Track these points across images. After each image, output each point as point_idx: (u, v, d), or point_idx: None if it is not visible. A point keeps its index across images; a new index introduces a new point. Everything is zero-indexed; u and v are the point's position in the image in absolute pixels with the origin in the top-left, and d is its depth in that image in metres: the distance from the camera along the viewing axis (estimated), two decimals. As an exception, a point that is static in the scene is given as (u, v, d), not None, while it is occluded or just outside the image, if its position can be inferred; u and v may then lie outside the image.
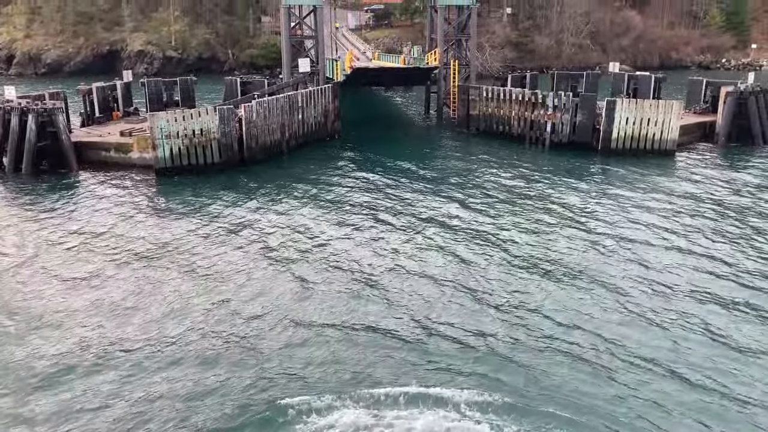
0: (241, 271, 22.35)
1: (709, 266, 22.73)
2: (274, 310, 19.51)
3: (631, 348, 17.10)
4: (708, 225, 27.01)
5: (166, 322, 18.83)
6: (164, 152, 34.35)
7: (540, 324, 18.45)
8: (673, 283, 21.32)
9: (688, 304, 19.75)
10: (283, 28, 49.72)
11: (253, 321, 18.84)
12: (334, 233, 26.22)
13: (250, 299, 20.26)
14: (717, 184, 33.51)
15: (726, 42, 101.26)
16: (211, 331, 18.30)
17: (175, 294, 20.61)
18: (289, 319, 18.94)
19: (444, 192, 31.88)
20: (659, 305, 19.63)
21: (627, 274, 22.03)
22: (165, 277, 21.91)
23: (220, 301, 20.15)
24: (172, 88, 48.70)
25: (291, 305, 19.82)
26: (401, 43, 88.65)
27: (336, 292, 20.69)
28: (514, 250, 24.28)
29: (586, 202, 30.24)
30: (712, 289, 20.74)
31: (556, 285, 21.18)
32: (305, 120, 41.74)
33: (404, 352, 17.12)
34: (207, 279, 21.77)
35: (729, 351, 17.03)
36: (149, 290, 20.92)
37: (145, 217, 28.23)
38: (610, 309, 19.42)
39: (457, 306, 19.76)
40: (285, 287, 21.11)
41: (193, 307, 19.77)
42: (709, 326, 18.35)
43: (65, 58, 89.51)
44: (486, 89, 45.17)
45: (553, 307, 19.53)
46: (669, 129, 38.68)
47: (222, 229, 26.66)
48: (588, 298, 20.22)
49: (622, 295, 20.30)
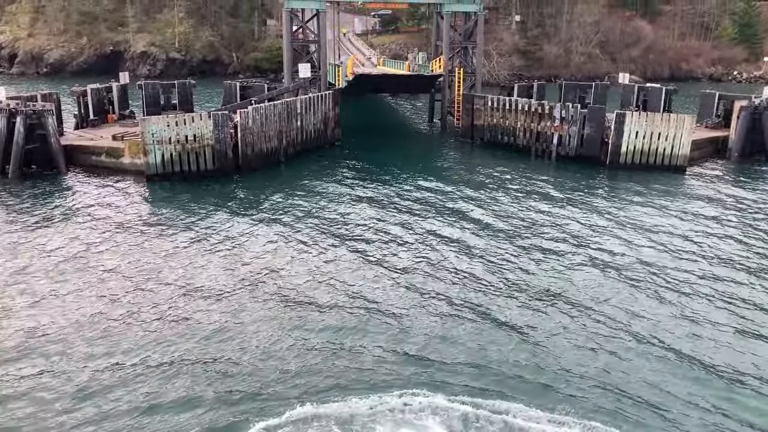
0: (225, 286, 21.22)
1: (723, 289, 21.51)
2: (262, 326, 18.54)
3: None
4: (721, 246, 25.67)
5: (147, 334, 17.92)
6: (155, 158, 33.15)
7: (547, 350, 17.15)
8: (686, 306, 20.17)
9: (700, 328, 18.61)
10: (285, 32, 48.56)
11: (233, 338, 17.79)
12: (327, 246, 25.03)
13: (232, 313, 19.39)
14: (730, 202, 32.06)
15: (738, 54, 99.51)
16: (194, 347, 17.34)
17: (156, 309, 19.52)
18: (284, 341, 17.91)
19: (444, 207, 30.53)
20: (673, 330, 18.42)
21: (636, 297, 20.78)
22: (145, 291, 20.79)
23: (206, 313, 19.24)
24: (169, 92, 47.45)
25: (279, 324, 18.70)
26: (407, 49, 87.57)
27: (331, 311, 19.61)
28: (518, 269, 23.06)
29: (593, 220, 28.87)
30: (725, 316, 19.48)
31: (556, 307, 20.02)
32: (304, 127, 40.49)
33: (412, 370, 16.12)
34: (190, 293, 20.68)
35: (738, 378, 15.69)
36: (127, 302, 19.93)
37: (130, 226, 27.02)
38: (617, 332, 18.26)
39: (464, 323, 18.91)
40: (271, 304, 20.04)
41: (175, 319, 18.81)
42: (724, 354, 17.23)
43: (68, 57, 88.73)
44: (491, 99, 43.83)
45: (556, 330, 18.41)
46: (680, 144, 37.23)
47: (209, 240, 25.49)
48: (590, 319, 19.03)
49: (628, 318, 19.03)
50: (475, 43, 50.45)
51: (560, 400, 15.27)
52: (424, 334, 18.27)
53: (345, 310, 19.67)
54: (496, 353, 17.27)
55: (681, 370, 16.60)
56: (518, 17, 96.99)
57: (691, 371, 16.58)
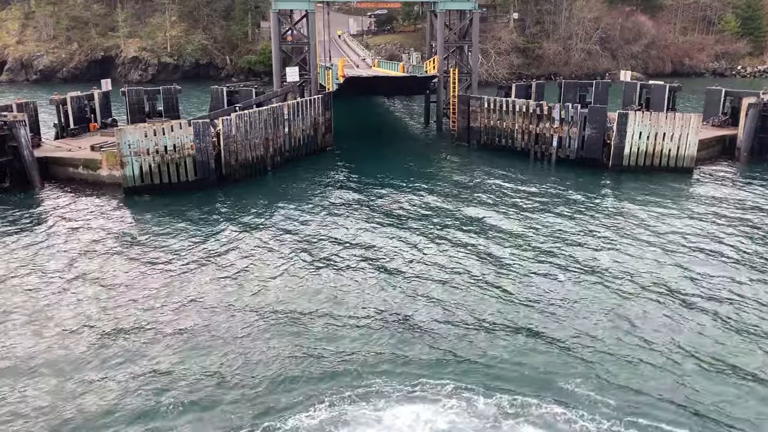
0: (205, 303, 19.99)
1: (733, 298, 20.09)
2: (242, 342, 17.62)
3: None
4: (731, 253, 24.02)
5: (122, 353, 17.15)
6: (133, 170, 31.46)
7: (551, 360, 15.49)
8: (694, 318, 18.83)
9: (709, 343, 17.31)
10: (273, 35, 46.85)
11: (212, 353, 16.79)
12: (316, 259, 23.53)
13: (211, 328, 18.39)
14: (742, 205, 30.28)
15: (741, 48, 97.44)
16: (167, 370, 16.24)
17: (132, 327, 18.52)
18: (263, 356, 16.88)
19: (437, 217, 28.76)
20: (677, 342, 17.04)
21: (641, 309, 19.42)
22: (120, 310, 19.49)
23: (183, 331, 18.24)
24: (154, 98, 45.90)
25: (258, 339, 17.57)
26: (404, 49, 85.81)
27: (318, 322, 18.56)
28: (518, 277, 21.78)
29: (595, 226, 27.17)
30: (736, 330, 17.99)
31: (556, 317, 18.79)
32: (292, 133, 38.76)
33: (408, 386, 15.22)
34: (168, 311, 19.42)
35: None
36: (101, 321, 18.83)
37: (104, 243, 25.37)
38: (621, 343, 17.15)
39: (462, 335, 17.98)
40: (256, 319, 18.88)
41: (150, 336, 17.89)
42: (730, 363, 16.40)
43: (58, 64, 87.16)
44: (487, 100, 42.04)
45: (556, 341, 16.97)
46: (686, 144, 35.42)
47: (189, 256, 23.94)
48: (590, 330, 17.81)
49: (632, 327, 17.64)
50: (470, 42, 48.65)
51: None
52: (422, 344, 17.56)
53: (334, 324, 18.56)
54: (491, 361, 15.70)
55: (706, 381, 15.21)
56: (516, 15, 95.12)
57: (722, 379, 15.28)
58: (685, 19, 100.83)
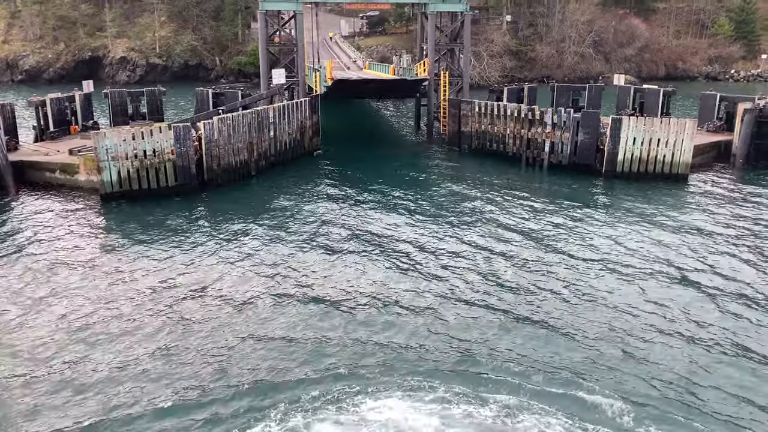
0: (183, 314, 19.10)
1: (731, 310, 19.46)
2: (222, 364, 16.49)
3: None
4: (728, 262, 23.25)
5: (91, 375, 16.07)
6: (110, 175, 30.35)
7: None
8: (688, 330, 18.14)
9: (704, 357, 16.54)
10: (260, 36, 45.81)
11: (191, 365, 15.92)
12: (300, 270, 22.55)
13: (187, 342, 17.59)
14: (737, 213, 29.47)
15: (734, 52, 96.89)
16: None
17: (106, 337, 17.81)
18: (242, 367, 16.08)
19: (427, 224, 27.77)
20: (675, 355, 16.15)
21: (636, 320, 18.65)
22: (92, 329, 18.41)
23: (155, 349, 17.24)
24: (138, 100, 44.87)
25: (239, 367, 16.39)
26: (395, 51, 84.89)
27: (302, 345, 17.48)
28: (507, 287, 20.96)
29: (589, 234, 26.29)
30: (733, 345, 17.13)
31: (547, 329, 17.99)
32: (278, 137, 37.71)
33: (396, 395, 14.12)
34: (145, 328, 18.46)
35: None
36: (75, 332, 18.01)
37: (79, 252, 24.35)
38: (608, 358, 16.25)
39: (448, 350, 17.24)
40: (236, 332, 18.03)
41: (122, 360, 16.80)
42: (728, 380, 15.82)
43: (44, 64, 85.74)
44: (479, 104, 41.12)
45: (541, 359, 16.05)
46: (681, 150, 34.57)
47: (167, 265, 22.97)
48: (584, 342, 17.06)
49: (624, 339, 16.56)
50: (462, 45, 47.70)
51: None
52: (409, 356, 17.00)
53: (318, 337, 17.73)
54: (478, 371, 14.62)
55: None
56: (509, 17, 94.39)
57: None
58: (679, 22, 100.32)
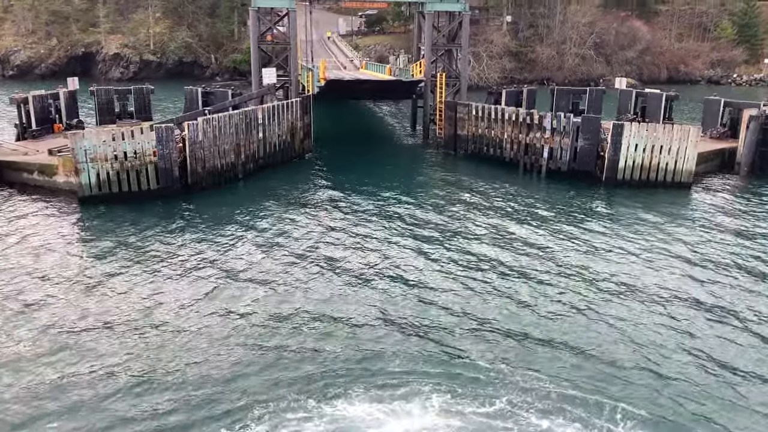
0: (159, 324, 18.25)
1: (736, 325, 18.58)
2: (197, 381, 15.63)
3: None
4: (731, 275, 22.20)
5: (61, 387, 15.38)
6: (89, 177, 29.05)
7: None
8: (691, 346, 17.27)
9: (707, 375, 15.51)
10: (252, 34, 44.47)
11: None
12: (286, 280, 21.48)
13: (159, 354, 16.73)
14: (741, 225, 28.37)
15: (737, 56, 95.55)
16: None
17: (78, 347, 17.02)
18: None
19: (419, 232, 26.55)
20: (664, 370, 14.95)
21: (635, 335, 17.71)
22: (63, 341, 17.42)
23: (126, 362, 16.31)
24: (125, 98, 43.51)
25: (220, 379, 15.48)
26: (393, 50, 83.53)
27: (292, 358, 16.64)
28: (503, 301, 20.00)
29: (587, 245, 25.18)
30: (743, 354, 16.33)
31: (543, 346, 17.03)
32: (267, 139, 36.39)
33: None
34: (122, 338, 17.59)
35: None
36: (41, 353, 16.84)
37: (53, 257, 23.29)
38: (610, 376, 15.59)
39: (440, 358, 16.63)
40: (214, 356, 16.83)
41: (95, 373, 15.98)
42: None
43: (36, 59, 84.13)
44: (475, 107, 39.82)
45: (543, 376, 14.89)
46: (684, 158, 33.34)
47: (144, 273, 21.88)
48: (573, 357, 16.21)
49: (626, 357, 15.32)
50: (459, 45, 46.39)
51: None
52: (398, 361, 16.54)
53: (307, 348, 16.92)
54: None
55: None
56: (510, 18, 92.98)
57: None
58: (681, 25, 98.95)
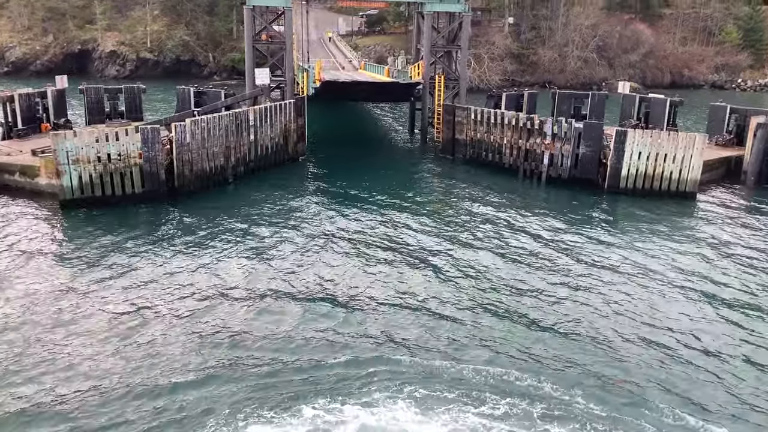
0: (139, 334, 17.47)
1: (745, 339, 17.82)
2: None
3: None
4: (738, 291, 21.18)
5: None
6: (71, 180, 27.95)
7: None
8: (688, 372, 16.23)
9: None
10: (246, 33, 43.38)
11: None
12: (274, 288, 20.59)
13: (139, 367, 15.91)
14: (749, 237, 27.20)
15: (742, 61, 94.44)
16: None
17: (54, 360, 16.21)
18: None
19: (415, 241, 25.45)
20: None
21: (641, 357, 16.65)
22: (38, 356, 16.45)
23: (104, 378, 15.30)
24: (115, 97, 42.44)
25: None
26: (394, 51, 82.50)
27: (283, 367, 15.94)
28: (501, 313, 19.04)
29: (587, 257, 24.09)
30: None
31: (543, 363, 15.86)
32: (259, 141, 35.30)
33: None
34: (97, 353, 16.67)
35: None
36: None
37: (32, 264, 22.25)
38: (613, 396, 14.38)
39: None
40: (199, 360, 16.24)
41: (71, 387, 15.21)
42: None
43: (32, 56, 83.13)
44: (474, 111, 38.70)
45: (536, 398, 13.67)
46: (690, 167, 32.22)
47: (124, 286, 20.71)
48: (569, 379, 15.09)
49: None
50: (459, 47, 45.32)
51: None
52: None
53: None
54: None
55: None
56: (512, 19, 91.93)
57: None
58: (685, 29, 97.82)
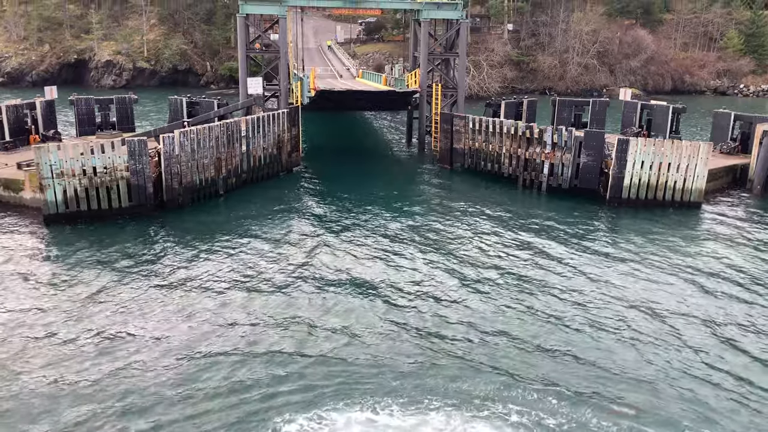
0: (125, 353, 16.89)
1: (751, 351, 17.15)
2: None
3: None
4: (745, 304, 20.44)
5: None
6: (55, 194, 27.09)
7: None
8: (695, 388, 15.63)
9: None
10: (239, 42, 42.63)
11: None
12: (265, 305, 19.93)
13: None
14: (757, 248, 26.22)
15: (744, 66, 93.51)
16: None
17: (35, 376, 15.87)
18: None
19: (412, 253, 24.62)
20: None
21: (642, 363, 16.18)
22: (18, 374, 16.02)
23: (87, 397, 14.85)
24: (107, 108, 41.65)
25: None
26: (392, 59, 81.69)
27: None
28: (500, 327, 18.41)
29: (588, 270, 23.28)
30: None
31: (544, 381, 15.22)
32: (251, 152, 34.41)
33: None
34: (81, 372, 16.18)
35: None
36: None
37: (12, 281, 21.53)
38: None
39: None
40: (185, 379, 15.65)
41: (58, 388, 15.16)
42: None
43: (27, 66, 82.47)
44: (472, 119, 37.80)
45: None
46: (694, 176, 31.29)
47: (109, 304, 20.01)
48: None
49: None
50: (457, 55, 44.50)
51: None
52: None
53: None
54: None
55: None
56: (511, 26, 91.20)
57: None
58: (687, 34, 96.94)
